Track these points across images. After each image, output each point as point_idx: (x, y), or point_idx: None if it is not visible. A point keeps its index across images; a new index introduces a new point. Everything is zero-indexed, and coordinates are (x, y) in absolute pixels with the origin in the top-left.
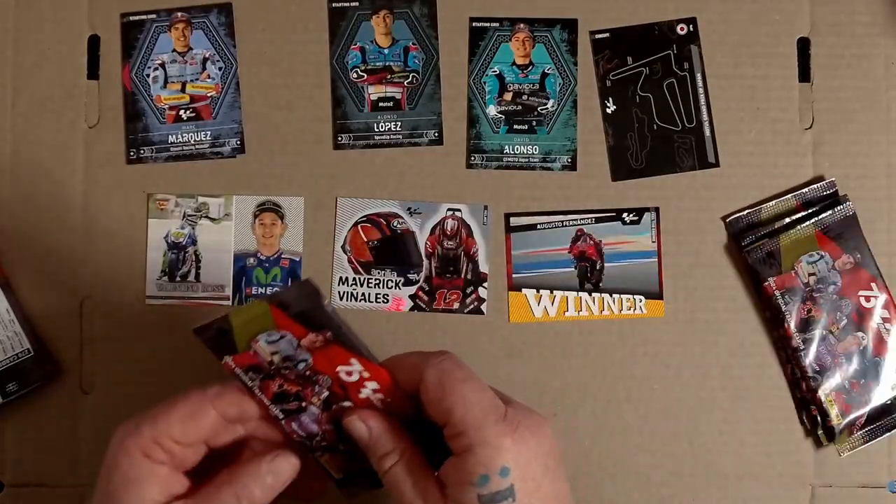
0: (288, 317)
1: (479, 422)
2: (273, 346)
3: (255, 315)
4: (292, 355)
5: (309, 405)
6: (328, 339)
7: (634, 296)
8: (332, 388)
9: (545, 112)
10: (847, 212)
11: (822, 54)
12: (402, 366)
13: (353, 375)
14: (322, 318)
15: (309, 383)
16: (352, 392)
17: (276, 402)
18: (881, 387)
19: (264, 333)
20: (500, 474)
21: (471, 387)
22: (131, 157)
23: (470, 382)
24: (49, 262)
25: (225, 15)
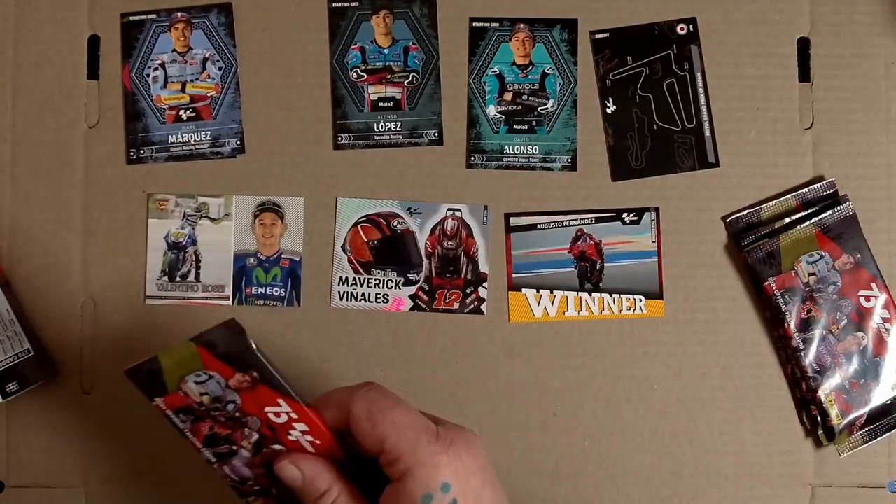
0: (215, 357)
1: (413, 444)
2: (201, 386)
3: (184, 356)
4: (221, 396)
5: (240, 448)
6: (255, 380)
7: (634, 296)
8: (261, 431)
9: (545, 112)
10: (847, 212)
11: (822, 54)
12: (329, 403)
13: (282, 417)
14: (248, 359)
15: (239, 426)
16: (281, 434)
17: (208, 445)
18: (881, 387)
19: (192, 374)
20: (442, 490)
21: (399, 412)
22: (131, 157)
23: (398, 408)
24: (49, 262)
25: (225, 15)
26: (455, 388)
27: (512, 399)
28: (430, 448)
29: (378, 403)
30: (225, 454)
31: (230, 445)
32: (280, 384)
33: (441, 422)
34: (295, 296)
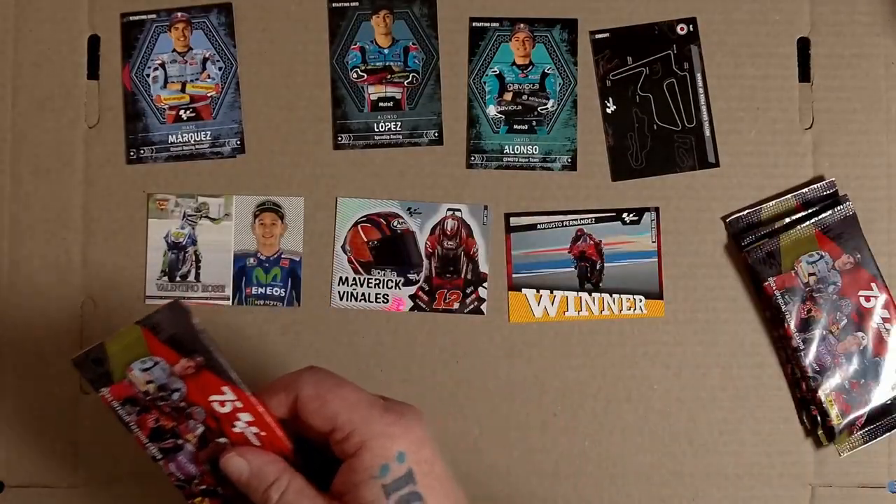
0: (160, 341)
1: (365, 417)
2: (147, 374)
3: (129, 341)
4: (166, 384)
5: (185, 443)
6: (199, 365)
7: (634, 296)
8: (206, 422)
9: (545, 112)
10: (847, 212)
11: (822, 54)
12: (275, 390)
13: (226, 406)
14: (193, 342)
15: (184, 417)
16: (225, 426)
17: (153, 439)
18: (881, 387)
19: (138, 361)
20: (398, 459)
21: (348, 389)
22: (131, 157)
23: (345, 385)
24: (49, 262)
25: (225, 15)
26: (455, 388)
27: (512, 399)
28: (383, 419)
29: (325, 383)
30: (170, 449)
31: (175, 439)
32: (224, 370)
33: (386, 398)
34: (295, 296)
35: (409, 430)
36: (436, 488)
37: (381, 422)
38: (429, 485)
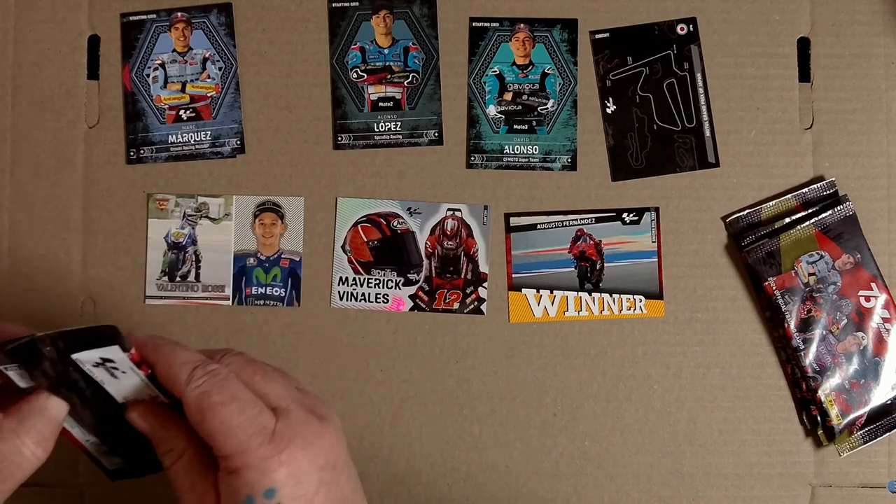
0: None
1: (242, 446)
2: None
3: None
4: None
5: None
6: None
7: (634, 296)
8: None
9: (545, 112)
10: (847, 212)
11: (822, 54)
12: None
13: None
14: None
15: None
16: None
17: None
18: (881, 387)
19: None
20: (266, 496)
21: (231, 410)
22: (131, 157)
23: (231, 404)
24: (49, 262)
25: (225, 15)
26: (455, 388)
27: (512, 399)
28: (260, 451)
29: (209, 399)
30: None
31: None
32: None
33: (284, 414)
34: (295, 296)
35: (291, 462)
36: None
37: (257, 453)
38: None
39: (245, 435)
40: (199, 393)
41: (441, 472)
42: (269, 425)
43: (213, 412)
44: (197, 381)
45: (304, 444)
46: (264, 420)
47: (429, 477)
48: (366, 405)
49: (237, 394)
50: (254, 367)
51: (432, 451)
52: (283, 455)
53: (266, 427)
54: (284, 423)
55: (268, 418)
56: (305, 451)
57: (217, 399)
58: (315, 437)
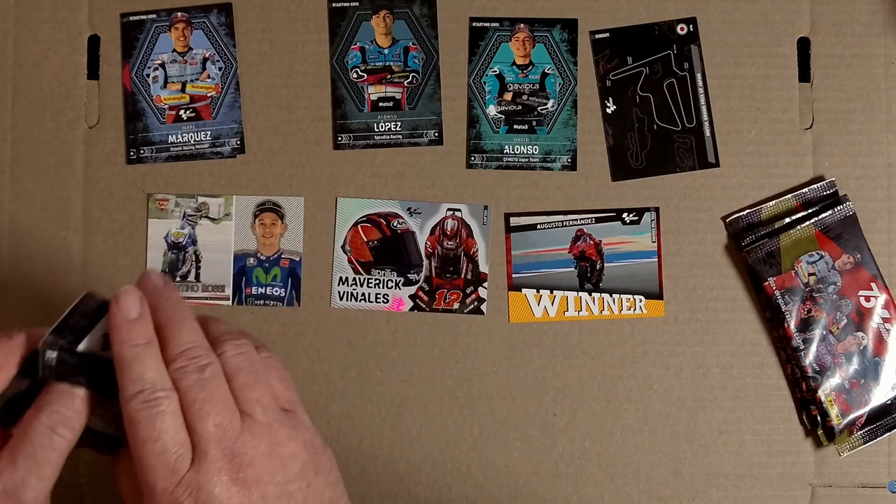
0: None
1: (151, 487)
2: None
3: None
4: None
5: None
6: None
7: (634, 296)
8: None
9: (545, 112)
10: (847, 212)
11: (822, 54)
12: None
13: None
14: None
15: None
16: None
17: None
18: (881, 387)
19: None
20: None
21: (149, 449)
22: (131, 157)
23: (152, 444)
24: (49, 262)
25: (225, 15)
26: (455, 388)
27: (512, 399)
28: (165, 498)
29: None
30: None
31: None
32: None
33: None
34: (295, 296)
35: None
36: None
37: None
38: None
39: (153, 478)
40: (130, 418)
41: (441, 472)
42: (179, 473)
43: (135, 443)
44: (135, 404)
45: (208, 497)
46: (177, 466)
47: (429, 477)
48: (366, 405)
49: (162, 433)
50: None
51: (432, 451)
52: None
53: (175, 474)
54: (195, 471)
55: (181, 464)
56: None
57: (142, 433)
58: (222, 490)
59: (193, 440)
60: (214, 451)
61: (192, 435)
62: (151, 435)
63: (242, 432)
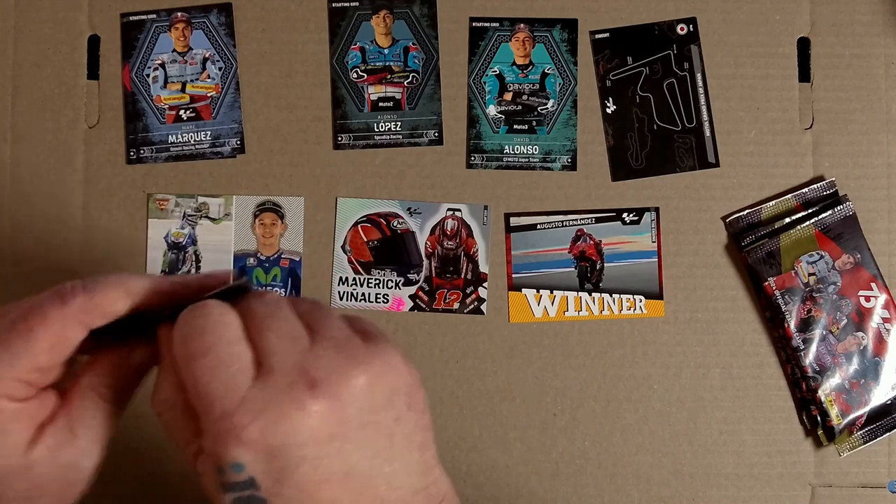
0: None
1: (205, 410)
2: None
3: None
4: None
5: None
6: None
7: (634, 296)
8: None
9: (545, 112)
10: (847, 212)
11: (822, 54)
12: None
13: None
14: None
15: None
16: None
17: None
18: (881, 387)
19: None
20: (234, 469)
21: (202, 365)
22: (131, 157)
23: (203, 358)
24: (49, 262)
25: (225, 15)
26: (455, 388)
27: (512, 399)
28: (220, 424)
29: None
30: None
31: None
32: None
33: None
34: (295, 296)
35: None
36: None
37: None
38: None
39: (209, 399)
40: (180, 335)
41: None
42: (240, 390)
43: (188, 363)
44: (184, 318)
45: (278, 416)
46: (236, 382)
47: None
48: None
49: (214, 344)
50: (265, 308)
51: None
52: (248, 429)
53: (235, 392)
54: (259, 387)
55: (241, 380)
56: (278, 424)
57: (192, 348)
58: (293, 408)
59: (257, 355)
60: (282, 364)
61: (254, 350)
62: (202, 347)
63: (314, 346)
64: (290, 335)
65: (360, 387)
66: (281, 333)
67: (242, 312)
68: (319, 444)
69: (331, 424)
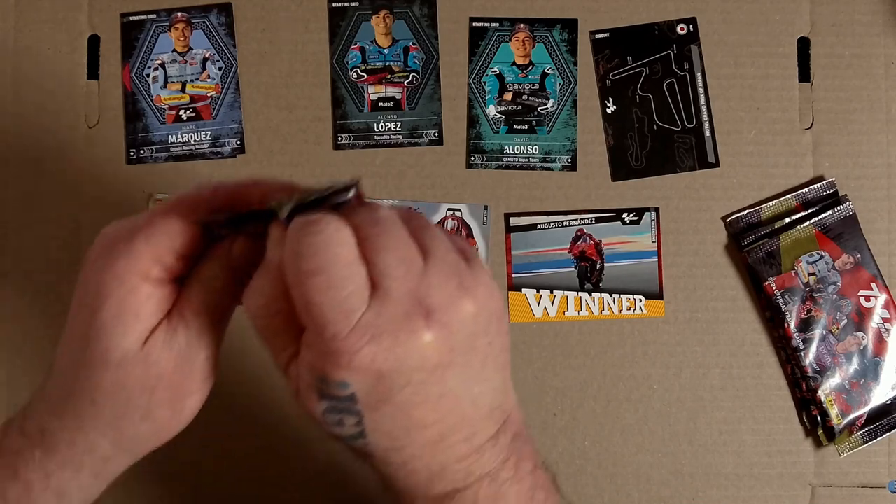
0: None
1: (317, 329)
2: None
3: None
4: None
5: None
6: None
7: (634, 296)
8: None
9: (545, 112)
10: (847, 212)
11: (822, 54)
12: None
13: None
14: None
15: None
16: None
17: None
18: (881, 387)
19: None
20: (339, 386)
21: (315, 284)
22: (131, 157)
23: (316, 277)
24: (49, 263)
25: (225, 15)
26: None
27: None
28: (334, 344)
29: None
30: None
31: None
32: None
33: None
34: None
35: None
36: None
37: (330, 345)
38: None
39: (321, 319)
40: (293, 250)
41: None
42: (354, 314)
43: (300, 280)
44: (297, 227)
45: (392, 343)
46: (350, 306)
47: None
48: None
49: (329, 264)
50: (379, 227)
51: None
52: (360, 354)
53: (349, 316)
54: (374, 313)
55: (356, 304)
56: (391, 351)
57: (306, 265)
58: (409, 337)
59: (372, 277)
60: (399, 289)
61: (370, 272)
62: (316, 266)
63: (427, 272)
64: (405, 258)
65: (469, 316)
66: (398, 255)
67: (355, 227)
68: (427, 371)
69: (440, 353)
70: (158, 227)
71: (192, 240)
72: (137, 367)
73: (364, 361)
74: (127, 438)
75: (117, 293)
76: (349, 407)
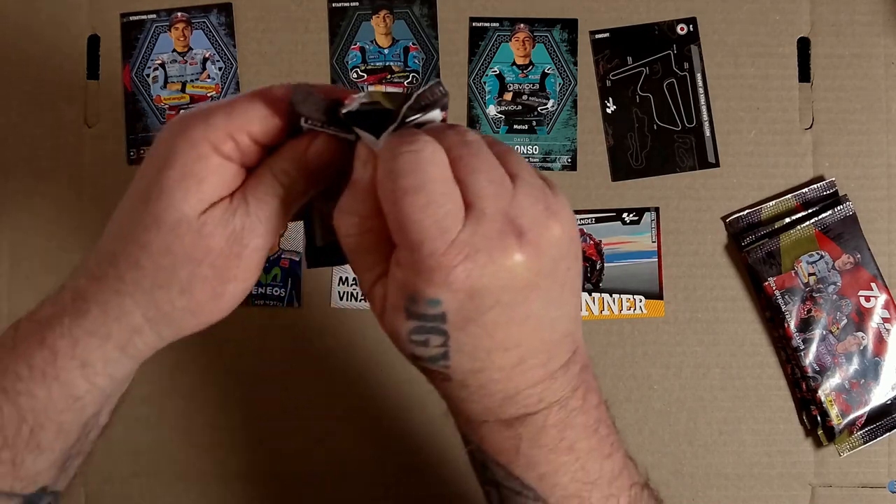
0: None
1: (413, 246)
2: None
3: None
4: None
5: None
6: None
7: (634, 296)
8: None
9: (545, 112)
10: (847, 212)
11: (822, 54)
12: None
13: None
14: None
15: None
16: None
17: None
18: (881, 387)
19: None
20: (430, 304)
21: (412, 202)
22: (131, 157)
23: (414, 195)
24: (49, 263)
25: (225, 15)
26: None
27: None
28: (429, 261)
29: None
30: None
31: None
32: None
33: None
34: (295, 296)
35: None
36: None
37: (426, 262)
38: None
39: (418, 236)
40: (388, 168)
41: (442, 471)
42: (451, 232)
43: (398, 200)
44: (393, 145)
45: (486, 261)
46: (447, 223)
47: (430, 477)
48: (366, 405)
49: (427, 183)
50: (470, 148)
51: (434, 450)
52: (455, 270)
53: (446, 233)
54: (470, 231)
55: (452, 222)
56: (485, 269)
57: (402, 183)
58: (502, 255)
59: (466, 197)
60: (492, 208)
61: (464, 192)
62: (415, 184)
63: (517, 193)
64: (497, 179)
65: (556, 237)
66: (490, 177)
67: (447, 148)
68: (515, 291)
69: (530, 273)
70: (240, 105)
71: (271, 129)
72: (189, 235)
73: (459, 278)
74: (161, 313)
75: (187, 156)
76: (437, 326)
